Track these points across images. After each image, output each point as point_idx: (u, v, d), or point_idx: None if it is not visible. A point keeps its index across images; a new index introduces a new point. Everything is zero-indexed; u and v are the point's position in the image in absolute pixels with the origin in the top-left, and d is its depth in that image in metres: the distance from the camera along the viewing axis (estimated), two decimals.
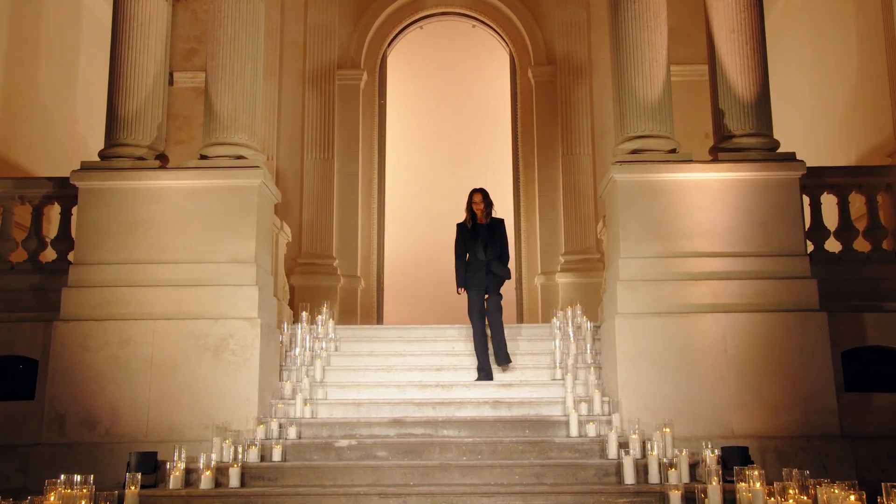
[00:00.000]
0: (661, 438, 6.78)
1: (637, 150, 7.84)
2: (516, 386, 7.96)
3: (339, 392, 8.04)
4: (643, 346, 7.29)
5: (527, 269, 12.55)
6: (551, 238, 12.30)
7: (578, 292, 11.32)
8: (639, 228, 7.59)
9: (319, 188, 12.29)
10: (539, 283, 12.15)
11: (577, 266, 11.71)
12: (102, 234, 7.52)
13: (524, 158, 12.87)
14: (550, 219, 12.37)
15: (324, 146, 12.41)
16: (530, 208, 12.66)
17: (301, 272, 11.91)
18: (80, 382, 7.15)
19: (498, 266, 8.38)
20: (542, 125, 12.61)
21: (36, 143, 9.48)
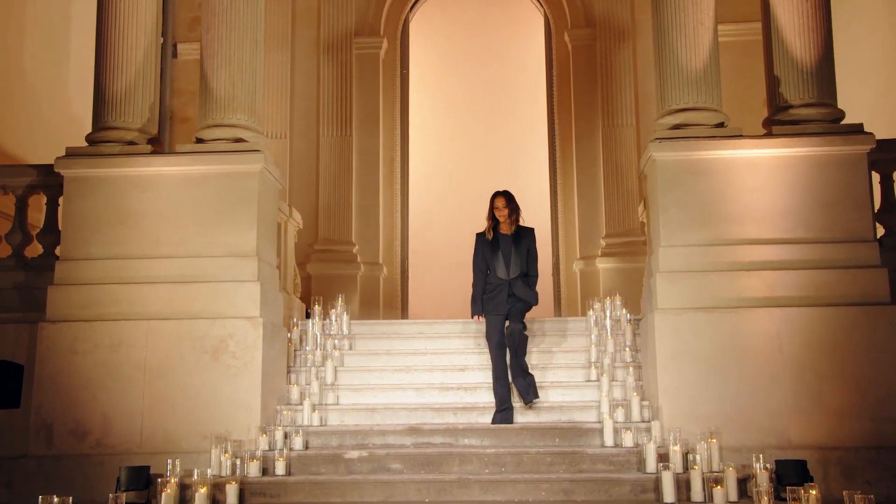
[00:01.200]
0: (706, 450, 6.46)
1: (679, 124, 7.46)
2: (546, 388, 7.69)
3: (351, 396, 7.85)
4: (686, 345, 6.96)
5: (564, 255, 12.24)
6: (591, 219, 11.96)
7: (621, 279, 10.99)
8: (681, 213, 7.23)
9: (337, 167, 12.09)
10: (578, 270, 11.83)
11: (619, 250, 11.37)
12: (90, 227, 7.39)
13: (561, 132, 12.53)
14: (590, 198, 12.02)
15: (341, 122, 12.19)
16: (568, 187, 12.32)
17: (318, 259, 11.74)
18: (69, 389, 7.05)
19: (522, 288, 7.51)
20: (580, 95, 12.24)
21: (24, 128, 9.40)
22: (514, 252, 7.52)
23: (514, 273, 7.50)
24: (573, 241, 12.15)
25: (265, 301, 7.42)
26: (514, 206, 7.60)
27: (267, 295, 7.49)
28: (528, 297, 7.55)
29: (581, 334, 8.56)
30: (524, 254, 7.57)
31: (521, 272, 7.53)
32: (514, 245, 7.54)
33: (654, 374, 7.10)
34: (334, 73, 12.23)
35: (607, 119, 11.91)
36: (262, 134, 7.87)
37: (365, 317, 11.40)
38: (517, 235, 7.61)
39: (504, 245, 7.55)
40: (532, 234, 7.69)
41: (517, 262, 7.51)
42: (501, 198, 7.60)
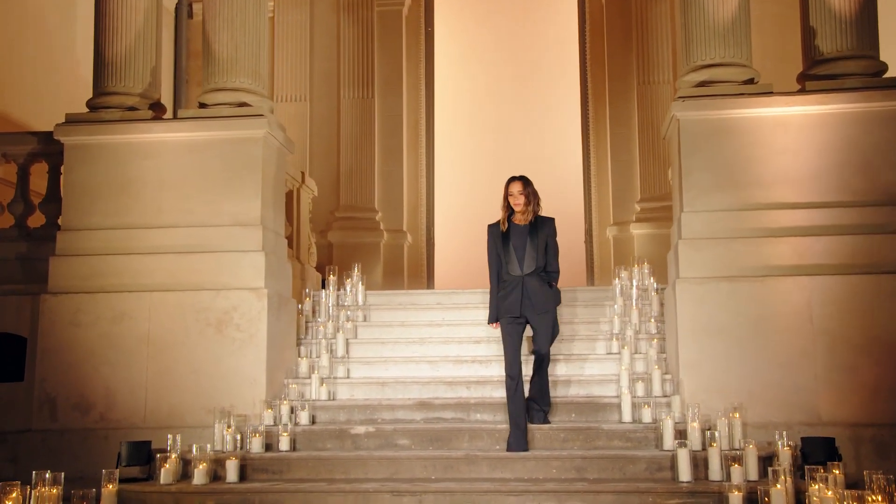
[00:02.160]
0: (727, 426, 6.41)
1: (705, 81, 7.32)
2: (563, 360, 7.67)
3: (362, 369, 7.92)
4: (709, 316, 6.88)
5: (597, 220, 12.16)
6: (625, 183, 11.86)
7: (656, 246, 10.86)
8: (705, 177, 7.11)
9: (358, 131, 12.11)
10: (611, 236, 11.76)
11: (654, 215, 11.24)
12: (91, 196, 7.52)
13: (594, 91, 12.40)
14: (624, 160, 11.90)
15: (363, 83, 12.19)
16: (601, 148, 12.21)
17: (339, 227, 11.82)
18: (72, 362, 7.23)
19: (537, 284, 6.78)
20: (613, 51, 12.09)
21: (29, 92, 9.56)
22: (530, 244, 6.81)
23: (529, 268, 6.79)
24: (606, 206, 12.06)
25: (271, 271, 7.49)
26: (532, 192, 6.83)
27: (273, 265, 7.56)
28: (543, 297, 6.80)
29: (606, 304, 8.50)
30: (541, 247, 6.84)
31: (538, 267, 6.82)
32: (530, 237, 6.83)
33: (676, 346, 7.04)
34: (355, 32, 12.21)
35: (643, 76, 11.74)
36: (268, 97, 7.89)
37: (389, 287, 11.47)
38: (534, 226, 6.86)
39: (517, 237, 6.84)
40: (552, 225, 6.92)
41: (532, 256, 6.80)
42: (517, 183, 6.83)
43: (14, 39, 9.44)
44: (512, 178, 6.87)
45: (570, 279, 12.32)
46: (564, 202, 13.40)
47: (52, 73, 9.87)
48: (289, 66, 12.27)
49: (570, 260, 13.08)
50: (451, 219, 13.57)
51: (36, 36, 9.74)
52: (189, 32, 12.42)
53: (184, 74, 12.30)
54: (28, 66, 9.61)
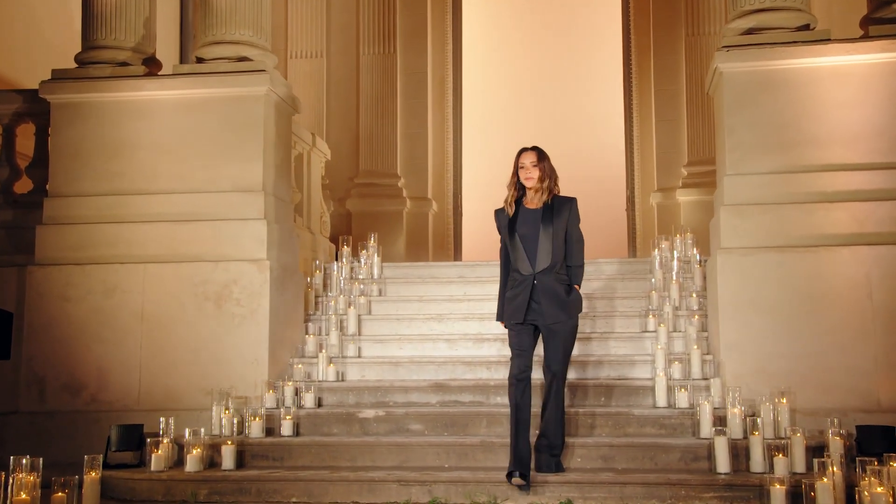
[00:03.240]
0: (772, 413, 6.20)
1: (753, 28, 7.05)
2: (597, 339, 7.51)
3: (375, 348, 7.83)
4: (754, 290, 6.67)
5: (640, 186, 11.91)
6: (671, 145, 11.59)
7: (705, 214, 10.56)
8: (751, 136, 6.86)
9: (379, 90, 11.97)
10: (655, 203, 11.51)
11: (703, 180, 10.96)
12: (81, 160, 7.46)
13: (637, 43, 12.10)
14: (670, 119, 11.63)
15: (384, 38, 12.02)
16: (645, 107, 11.94)
17: (358, 195, 11.72)
18: (62, 340, 7.21)
19: (552, 285, 5.85)
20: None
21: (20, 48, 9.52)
22: (544, 233, 5.86)
23: (543, 264, 5.83)
24: (650, 171, 11.81)
25: (274, 241, 7.40)
26: (548, 167, 5.95)
27: (276, 234, 7.46)
28: (559, 304, 5.87)
29: (644, 277, 8.33)
30: (559, 236, 5.89)
31: (554, 263, 5.86)
32: (544, 224, 5.88)
33: (717, 324, 6.83)
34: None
35: (691, 27, 11.43)
36: (271, 51, 7.75)
37: (412, 260, 11.35)
38: (550, 209, 5.91)
39: (528, 224, 5.92)
40: (573, 208, 5.97)
41: (547, 250, 5.84)
42: (530, 153, 5.94)
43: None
44: (524, 148, 6.01)
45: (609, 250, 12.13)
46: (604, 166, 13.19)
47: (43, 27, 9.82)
48: (303, 18, 12.13)
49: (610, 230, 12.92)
50: (481, 185, 13.37)
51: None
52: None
53: (190, 29, 12.22)
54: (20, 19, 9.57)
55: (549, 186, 5.95)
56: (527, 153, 5.98)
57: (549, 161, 6.00)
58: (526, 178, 5.94)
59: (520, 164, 5.96)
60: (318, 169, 9.40)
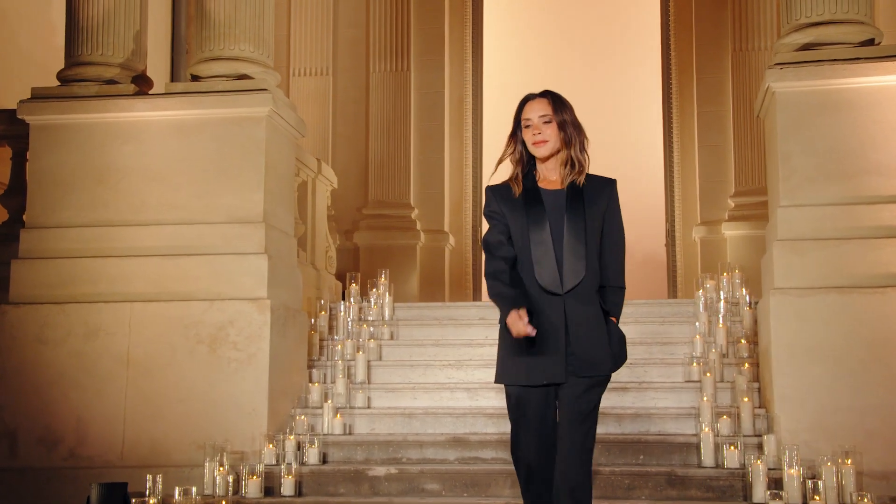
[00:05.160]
0: (836, 475, 6.15)
1: (810, 44, 7.08)
2: (634, 389, 7.48)
3: (387, 398, 7.82)
4: (812, 336, 6.64)
5: (681, 219, 11.93)
6: (716, 173, 11.62)
7: (754, 250, 10.58)
8: (809, 163, 6.88)
9: (391, 111, 12.07)
10: (698, 238, 11.52)
11: (752, 212, 10.98)
12: (62, 188, 7.52)
13: (678, 59, 12.18)
14: (714, 144, 11.67)
15: (396, 53, 12.15)
16: (686, 130, 11.99)
17: (368, 227, 11.79)
18: (37, 387, 7.23)
19: (588, 310, 4.22)
20: (702, 10, 11.88)
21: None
22: (570, 230, 4.22)
23: (573, 279, 4.19)
24: (692, 202, 11.83)
25: (275, 278, 7.42)
26: (571, 124, 4.27)
27: (278, 271, 7.49)
28: (599, 344, 4.23)
29: (687, 321, 8.31)
30: (593, 234, 4.26)
31: (589, 278, 4.23)
32: (571, 214, 4.23)
33: (770, 373, 6.80)
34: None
35: (738, 42, 11.50)
36: (273, 69, 7.83)
37: (427, 299, 11.38)
38: (578, 193, 4.26)
39: (547, 213, 4.25)
40: (612, 193, 4.34)
41: (578, 255, 4.20)
42: (540, 101, 4.29)
43: None
44: (529, 94, 4.34)
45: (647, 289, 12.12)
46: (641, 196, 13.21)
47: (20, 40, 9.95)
48: (308, 32, 12.27)
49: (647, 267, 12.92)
50: None
51: None
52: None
53: (183, 43, 12.36)
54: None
55: (576, 155, 4.29)
56: (535, 101, 4.30)
57: (571, 114, 4.30)
58: (534, 141, 4.26)
59: (524, 117, 4.29)
60: (323, 198, 9.45)
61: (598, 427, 4.64)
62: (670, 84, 12.21)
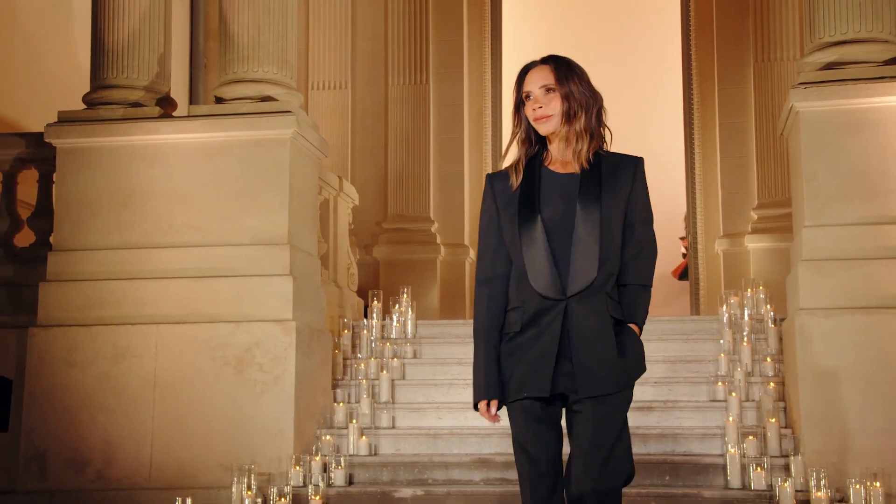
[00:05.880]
0: (864, 497, 6.27)
1: (834, 63, 7.19)
2: (658, 409, 7.61)
3: (411, 417, 7.96)
4: (839, 356, 6.75)
5: (704, 231, 12.02)
6: (738, 185, 11.70)
7: (778, 263, 10.68)
8: (833, 182, 6.99)
9: (410, 124, 12.19)
10: (721, 251, 11.61)
11: (776, 224, 11.06)
12: (89, 210, 7.70)
13: (699, 70, 12.26)
14: (737, 156, 11.75)
15: (415, 66, 12.27)
16: (708, 141, 12.08)
17: (387, 241, 11.91)
18: (65, 409, 7.40)
19: (596, 316, 3.63)
20: (724, 20, 11.95)
21: (20, 84, 9.83)
22: (583, 220, 3.63)
23: (582, 280, 3.61)
24: (715, 214, 11.92)
25: (300, 299, 7.58)
26: (581, 93, 3.70)
27: (303, 291, 7.65)
28: (609, 357, 3.62)
29: (711, 338, 8.42)
30: (612, 226, 3.67)
31: (603, 278, 3.64)
32: (584, 201, 3.65)
33: (797, 393, 6.92)
34: (406, 3, 12.29)
35: (760, 52, 11.58)
36: (296, 90, 7.99)
37: (447, 314, 11.51)
38: (594, 174, 3.70)
39: (554, 201, 3.70)
40: (637, 173, 3.76)
41: (590, 252, 3.61)
42: (542, 69, 3.74)
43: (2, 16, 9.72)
44: (531, 64, 3.80)
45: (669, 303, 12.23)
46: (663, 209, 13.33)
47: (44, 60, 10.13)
48: (326, 45, 12.41)
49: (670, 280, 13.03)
50: None
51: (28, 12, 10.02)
52: (207, 7, 12.65)
53: (201, 59, 12.55)
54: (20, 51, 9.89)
55: (585, 128, 3.70)
56: (535, 70, 3.76)
57: (580, 82, 3.72)
58: (535, 116, 3.71)
59: (525, 90, 3.76)
60: (345, 216, 9.60)
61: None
62: (691, 95, 12.29)
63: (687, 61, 12.36)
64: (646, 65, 13.72)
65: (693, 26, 12.31)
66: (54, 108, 8.08)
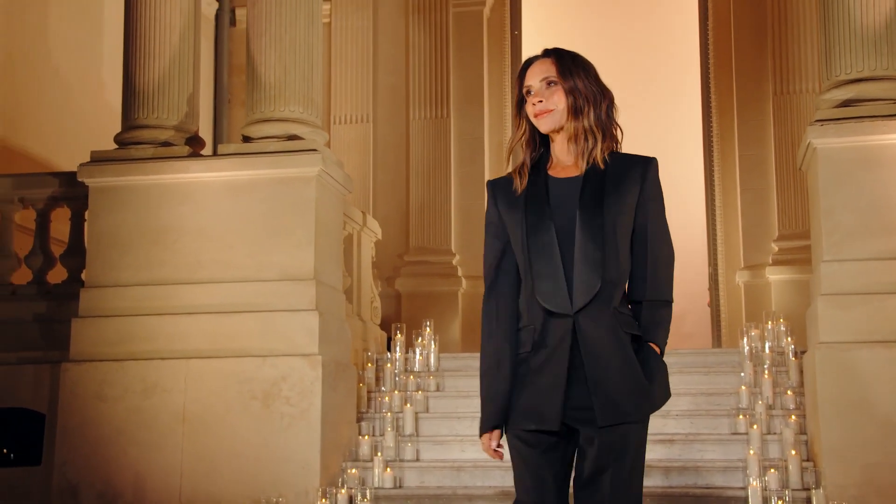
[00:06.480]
0: None
1: (850, 100, 7.37)
2: (680, 441, 7.74)
3: (434, 450, 8.12)
4: (859, 390, 6.89)
5: (724, 263, 12.15)
6: (759, 216, 11.84)
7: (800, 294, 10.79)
8: (851, 218, 7.15)
9: (431, 158, 12.41)
10: (742, 283, 11.75)
11: (797, 256, 11.16)
12: (120, 248, 7.93)
13: (718, 102, 12.44)
14: (757, 188, 11.91)
15: (436, 100, 12.51)
16: (728, 173, 12.23)
17: (409, 274, 12.10)
18: (96, 443, 7.61)
19: (609, 333, 3.30)
20: (743, 52, 12.14)
21: (50, 122, 10.11)
22: (584, 227, 3.32)
23: (586, 293, 3.29)
24: (735, 246, 12.05)
25: (326, 334, 7.77)
26: (587, 88, 3.41)
27: (328, 326, 7.85)
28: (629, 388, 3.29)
29: (732, 370, 8.55)
30: (617, 233, 3.35)
31: (609, 290, 3.31)
32: (586, 207, 3.34)
33: (818, 426, 7.05)
34: (427, 39, 12.56)
35: (780, 84, 11.74)
36: (321, 128, 8.22)
37: (469, 346, 11.65)
38: (598, 178, 3.38)
39: (559, 209, 3.39)
40: (647, 174, 3.42)
41: (593, 260, 3.29)
42: (544, 62, 3.46)
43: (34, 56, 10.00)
44: (531, 59, 3.52)
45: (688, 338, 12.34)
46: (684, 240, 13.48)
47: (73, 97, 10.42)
48: (348, 80, 12.67)
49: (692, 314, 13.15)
50: None
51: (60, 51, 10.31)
52: (231, 44, 12.95)
53: (225, 93, 12.82)
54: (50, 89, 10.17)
55: (599, 123, 3.40)
56: (537, 63, 3.47)
57: (588, 77, 3.45)
58: (535, 112, 3.42)
59: (525, 85, 3.47)
60: (368, 250, 9.81)
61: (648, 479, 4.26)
62: (711, 127, 12.45)
63: (706, 94, 12.54)
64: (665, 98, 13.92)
65: (712, 59, 12.50)
66: (83, 147, 8.35)
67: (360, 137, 12.59)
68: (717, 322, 12.00)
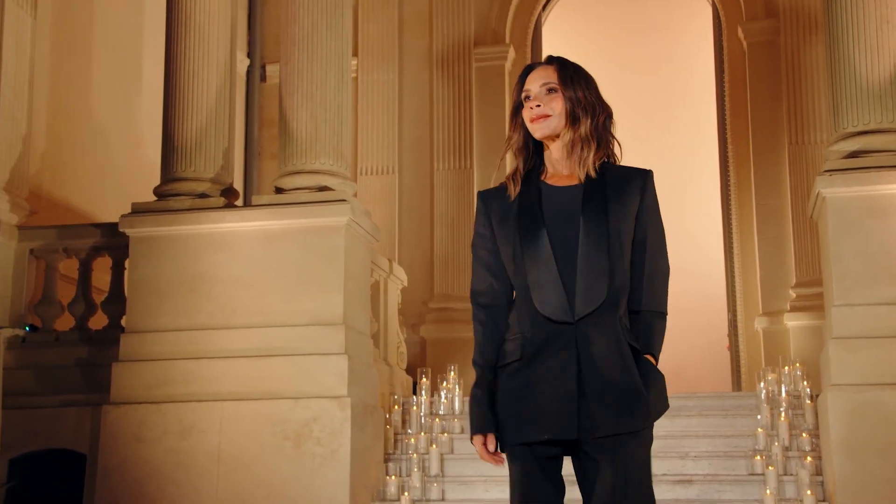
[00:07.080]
0: None
1: (857, 151, 7.70)
2: (699, 482, 7.99)
3: (460, 490, 8.40)
4: (870, 431, 7.14)
5: (743, 309, 12.37)
6: (776, 264, 12.08)
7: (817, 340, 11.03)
8: (860, 264, 7.45)
9: (455, 207, 12.77)
10: (760, 329, 11.98)
11: (814, 303, 11.37)
12: (158, 295, 8.31)
13: (735, 152, 12.73)
14: (773, 236, 12.17)
15: (460, 151, 12.88)
16: (746, 221, 12.49)
17: (434, 321, 12.39)
18: (135, 483, 7.93)
19: (611, 343, 3.29)
20: (759, 104, 12.46)
21: (92, 176, 10.55)
22: (587, 235, 3.32)
23: (591, 302, 3.28)
24: (754, 292, 12.27)
25: (354, 376, 8.10)
26: (586, 97, 3.45)
27: (357, 369, 8.17)
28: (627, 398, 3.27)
29: (749, 413, 8.79)
30: (619, 242, 3.35)
31: (613, 299, 3.31)
32: (588, 214, 3.34)
33: (832, 467, 7.29)
34: (451, 92, 12.98)
35: (795, 134, 12.05)
36: (351, 180, 8.61)
37: None
38: (599, 186, 3.39)
39: (556, 217, 3.37)
40: (646, 186, 3.47)
41: (597, 269, 3.30)
42: (546, 68, 3.49)
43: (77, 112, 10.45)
44: (532, 65, 3.57)
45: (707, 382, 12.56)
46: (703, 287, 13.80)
47: (113, 153, 10.85)
48: (375, 133, 13.08)
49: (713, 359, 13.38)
50: None
51: (102, 108, 10.77)
52: (262, 99, 13.41)
53: (256, 146, 13.26)
54: (91, 145, 10.62)
55: (594, 133, 3.44)
56: (538, 69, 3.50)
57: (589, 89, 3.48)
58: (532, 116, 3.43)
59: (526, 90, 3.48)
60: (394, 297, 10.15)
61: None
62: (728, 175, 12.72)
63: (723, 143, 12.84)
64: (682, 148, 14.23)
65: (728, 110, 12.80)
66: (121, 199, 8.77)
67: (387, 187, 12.97)
68: (736, 366, 12.23)
